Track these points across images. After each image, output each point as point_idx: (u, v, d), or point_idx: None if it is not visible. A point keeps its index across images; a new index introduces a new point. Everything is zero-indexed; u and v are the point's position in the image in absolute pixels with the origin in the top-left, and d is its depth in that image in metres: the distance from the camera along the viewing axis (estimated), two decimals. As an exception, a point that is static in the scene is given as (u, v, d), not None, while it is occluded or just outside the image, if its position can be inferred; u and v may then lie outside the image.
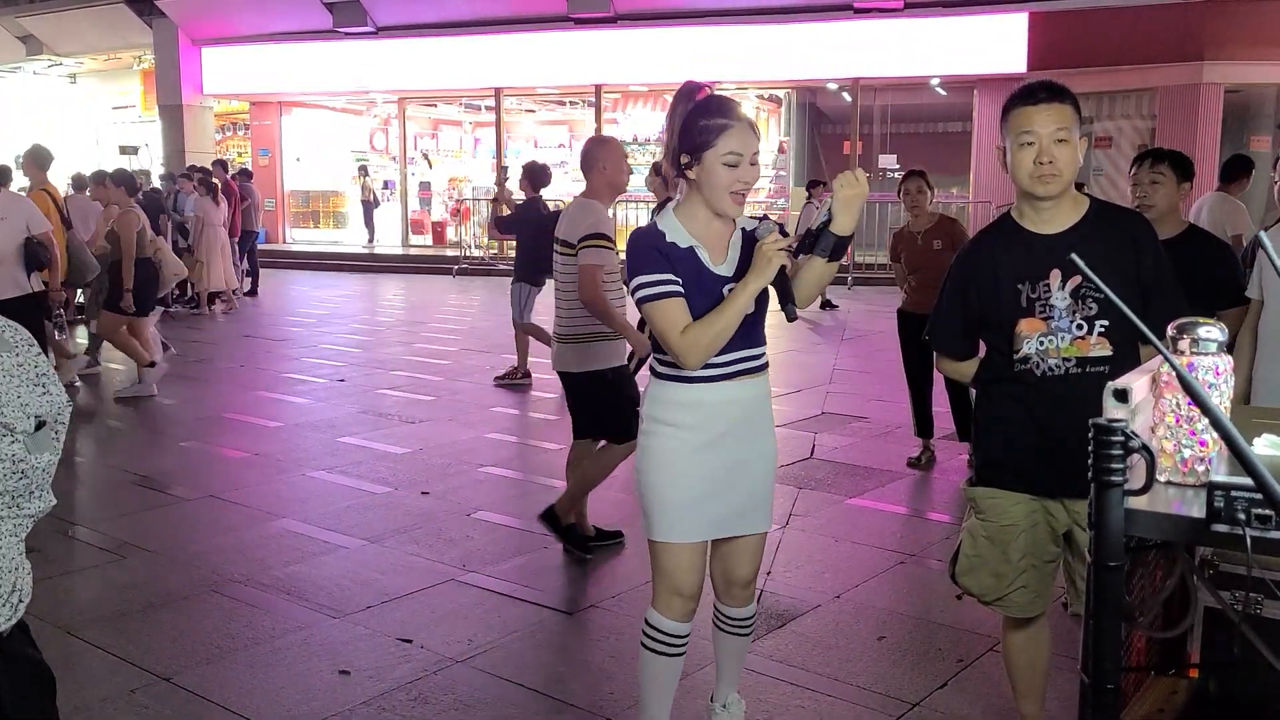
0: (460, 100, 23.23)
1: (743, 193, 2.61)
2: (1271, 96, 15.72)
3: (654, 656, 2.82)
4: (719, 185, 2.59)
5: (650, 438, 2.74)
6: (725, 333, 2.54)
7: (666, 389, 2.72)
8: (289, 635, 3.86)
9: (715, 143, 2.57)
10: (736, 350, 2.65)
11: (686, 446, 2.68)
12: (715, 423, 2.67)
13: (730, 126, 2.58)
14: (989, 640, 3.73)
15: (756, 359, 2.71)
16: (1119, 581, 1.23)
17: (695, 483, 2.68)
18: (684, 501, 2.69)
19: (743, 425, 2.71)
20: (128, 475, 6.03)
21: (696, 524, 2.71)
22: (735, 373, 2.67)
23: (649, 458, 2.74)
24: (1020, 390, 2.63)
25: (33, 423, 1.67)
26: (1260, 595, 1.57)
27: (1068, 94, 2.55)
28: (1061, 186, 2.55)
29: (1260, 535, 1.15)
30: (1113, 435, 1.20)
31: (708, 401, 2.67)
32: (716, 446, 2.68)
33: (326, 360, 10.13)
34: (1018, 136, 2.54)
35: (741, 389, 2.69)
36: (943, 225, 6.07)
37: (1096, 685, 1.24)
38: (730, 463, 2.70)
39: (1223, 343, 1.41)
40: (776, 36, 17.31)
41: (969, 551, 2.79)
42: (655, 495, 2.72)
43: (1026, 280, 2.59)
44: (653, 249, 2.63)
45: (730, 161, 2.57)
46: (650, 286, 2.59)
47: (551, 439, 6.80)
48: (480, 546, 4.80)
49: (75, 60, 24.86)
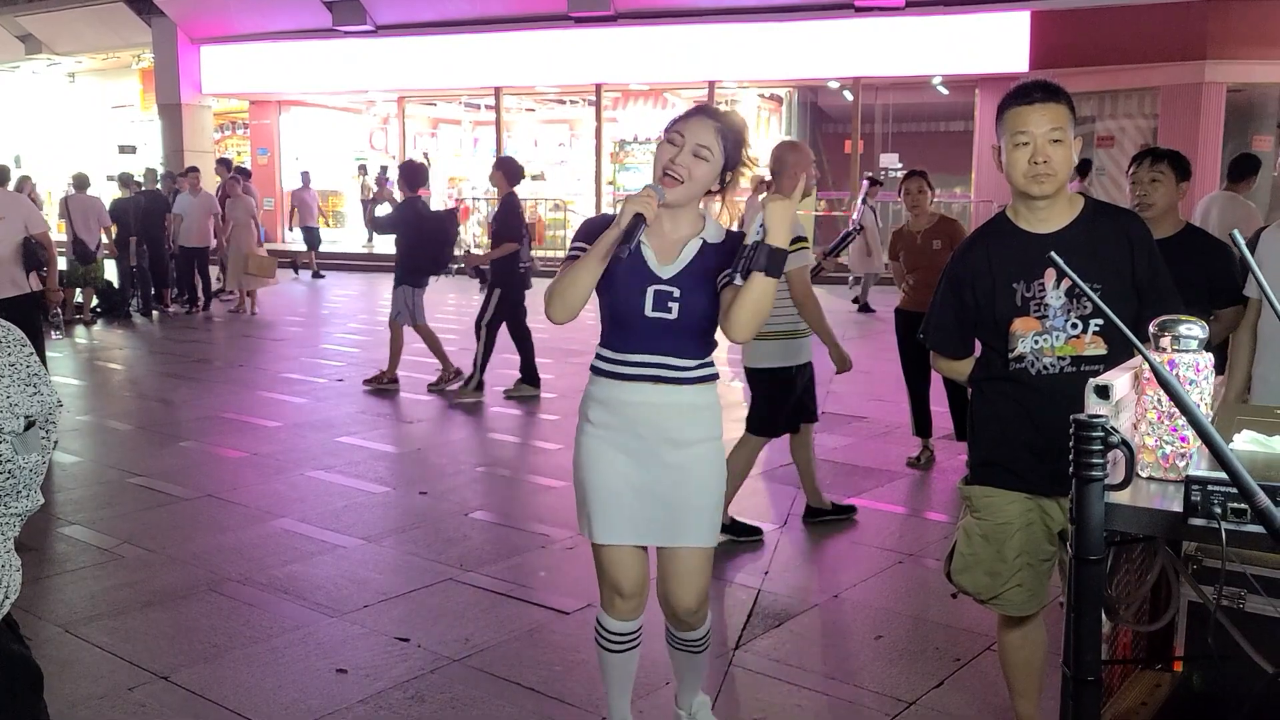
0: (460, 99, 23.25)
1: (673, 175, 2.56)
2: (1274, 96, 15.71)
3: (604, 653, 2.84)
4: (655, 160, 2.62)
5: (579, 434, 2.75)
6: (575, 278, 2.51)
7: (594, 385, 2.72)
8: (287, 634, 3.87)
9: (671, 124, 2.63)
10: (650, 353, 2.60)
11: (604, 444, 2.66)
12: (631, 424, 2.63)
13: (689, 116, 2.62)
14: (986, 639, 3.73)
15: (682, 370, 2.62)
16: (1099, 575, 1.24)
17: (613, 482, 2.65)
18: (604, 499, 2.66)
19: (663, 431, 2.63)
20: (126, 474, 6.04)
21: (618, 525, 2.66)
22: (649, 376, 2.61)
23: (577, 453, 2.74)
24: (1015, 389, 2.64)
25: (21, 423, 1.68)
26: (1243, 590, 1.58)
27: (1063, 94, 2.57)
28: (1056, 186, 2.56)
29: (1235, 529, 1.16)
30: (1093, 431, 1.21)
31: (620, 400, 2.64)
32: (634, 449, 2.63)
33: (325, 360, 10.15)
34: (1013, 136, 2.56)
35: (659, 394, 2.62)
36: (942, 225, 6.08)
37: (1077, 677, 1.25)
38: (650, 468, 2.63)
39: (1203, 340, 1.42)
40: (777, 35, 17.31)
41: (964, 550, 2.80)
42: (580, 492, 2.73)
43: (1022, 279, 2.59)
44: (589, 225, 2.67)
45: (669, 139, 2.59)
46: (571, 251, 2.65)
47: (549, 439, 6.81)
48: (478, 546, 4.81)
49: (74, 59, 24.90)
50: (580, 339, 11.71)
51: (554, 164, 22.99)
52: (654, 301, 2.57)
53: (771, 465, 6.08)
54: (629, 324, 2.61)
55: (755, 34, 17.44)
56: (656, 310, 2.58)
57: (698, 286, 2.59)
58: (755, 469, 6.09)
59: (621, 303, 2.58)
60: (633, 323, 2.60)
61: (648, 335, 2.59)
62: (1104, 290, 2.46)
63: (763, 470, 6.01)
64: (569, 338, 11.70)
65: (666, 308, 2.57)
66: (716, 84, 18.87)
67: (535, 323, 13.09)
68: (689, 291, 2.58)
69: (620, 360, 2.63)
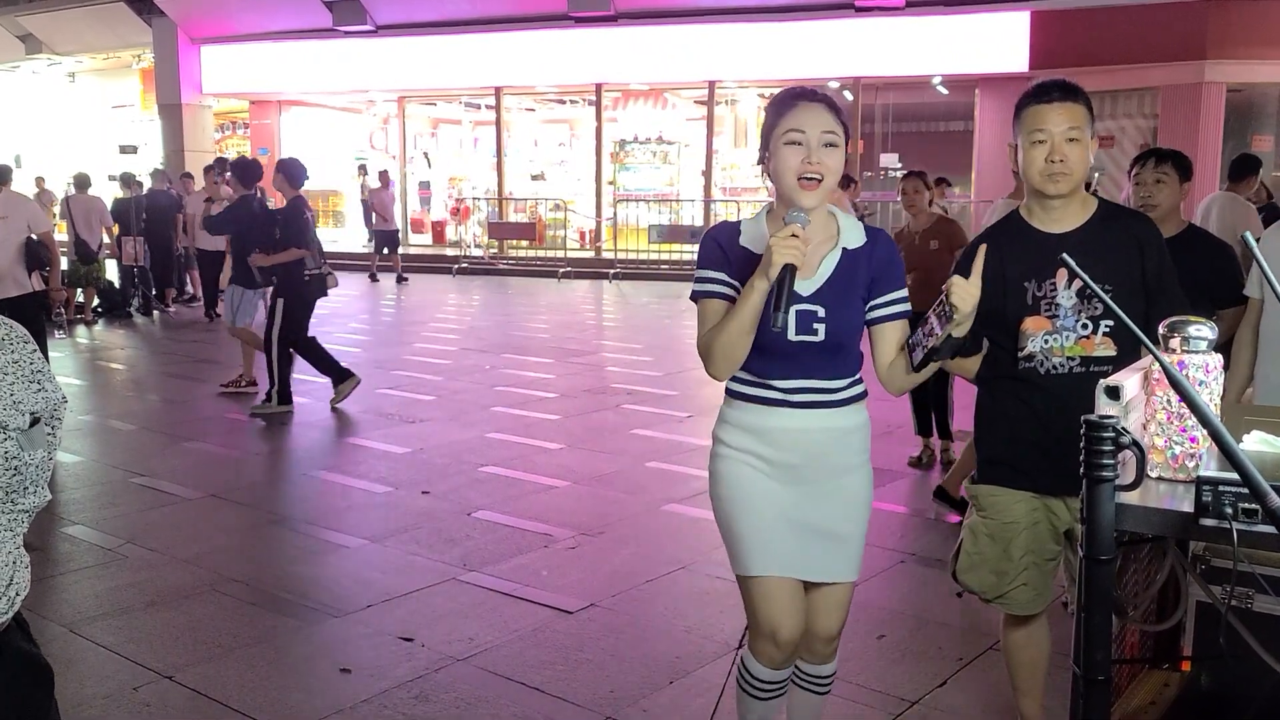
0: (460, 99, 23.25)
1: (814, 177, 2.25)
2: (1274, 96, 15.72)
3: (748, 699, 2.58)
4: (782, 168, 2.27)
5: (719, 461, 2.48)
6: (733, 341, 2.23)
7: (733, 409, 2.46)
8: (290, 634, 3.87)
9: (778, 123, 2.29)
10: (803, 378, 2.35)
11: (755, 473, 2.41)
12: (784, 452, 2.38)
13: (795, 105, 2.29)
14: (988, 639, 3.74)
15: (834, 392, 2.38)
16: (1110, 575, 1.25)
17: (766, 509, 2.40)
18: (758, 527, 2.40)
19: (819, 460, 2.39)
20: (129, 474, 6.04)
21: (779, 557, 2.40)
22: (803, 403, 2.36)
23: (719, 483, 2.48)
24: (1024, 388, 2.64)
25: (27, 420, 1.68)
26: (1251, 590, 1.59)
27: (1081, 93, 2.56)
28: (1072, 185, 2.56)
29: (1246, 529, 1.17)
30: (1104, 432, 1.22)
31: (773, 428, 2.38)
32: (787, 479, 2.40)
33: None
34: (1030, 134, 2.55)
35: (814, 419, 2.37)
36: (941, 225, 6.10)
37: (1088, 677, 1.26)
38: (804, 500, 2.40)
39: (1212, 341, 1.43)
40: (777, 35, 17.32)
41: (970, 549, 2.80)
42: (730, 524, 2.45)
43: (1033, 278, 2.59)
44: (715, 244, 2.39)
45: (793, 139, 2.26)
46: (699, 284, 2.38)
47: (552, 439, 6.82)
48: (481, 546, 4.82)
49: (74, 59, 24.89)
50: (581, 339, 11.73)
51: (554, 164, 22.99)
52: (798, 324, 2.30)
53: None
54: (771, 349, 2.32)
55: (755, 34, 17.44)
56: (801, 334, 2.32)
57: (844, 302, 2.34)
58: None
59: (764, 329, 2.23)
60: (776, 347, 2.32)
61: (794, 359, 2.34)
62: (1114, 291, 2.47)
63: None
64: (568, 337, 11.71)
65: (812, 329, 2.32)
66: (716, 84, 18.88)
67: (537, 321, 13.12)
68: (835, 309, 2.33)
69: (765, 384, 2.38)
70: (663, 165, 20.79)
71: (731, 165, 20.64)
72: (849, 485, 2.44)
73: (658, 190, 20.54)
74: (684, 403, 7.94)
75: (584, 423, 7.36)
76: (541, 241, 20.39)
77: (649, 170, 20.81)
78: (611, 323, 13.42)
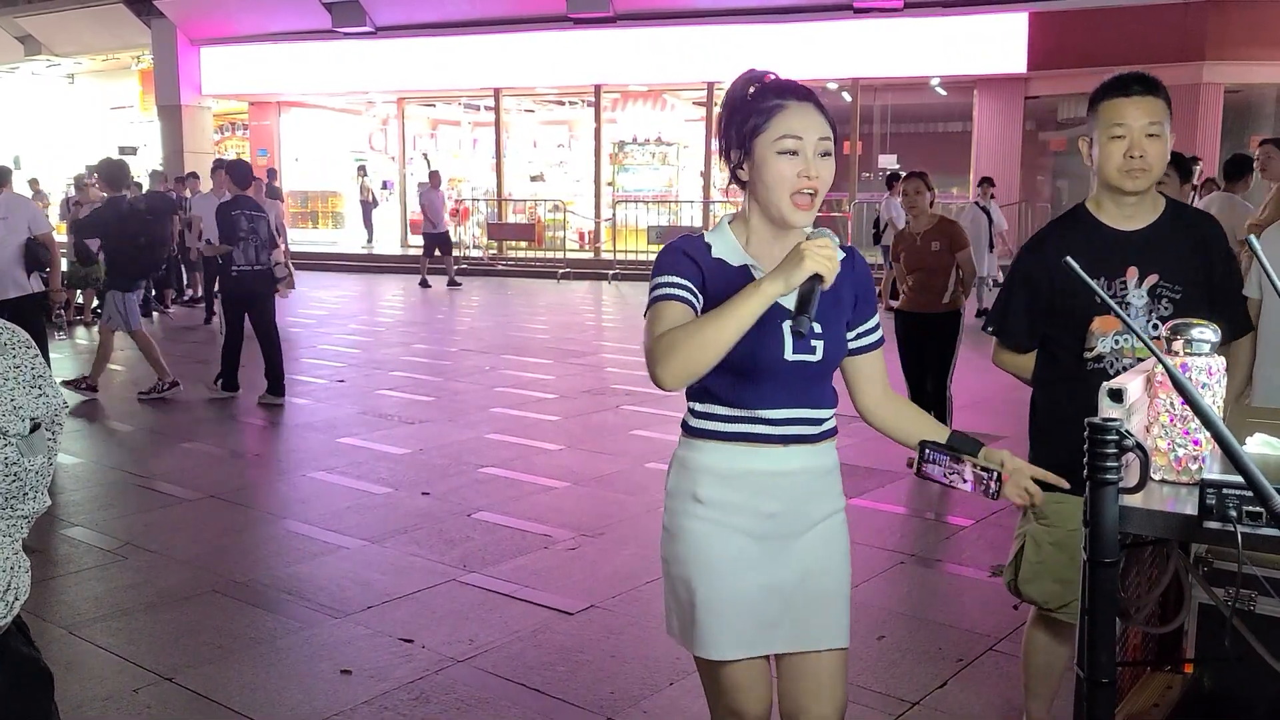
0: (459, 100, 23.27)
1: (810, 193, 1.97)
2: (1272, 96, 15.76)
3: None
4: (774, 181, 1.96)
5: (676, 517, 2.10)
6: (714, 341, 1.83)
7: (696, 451, 2.09)
8: (290, 635, 3.87)
9: (766, 126, 1.97)
10: (793, 406, 2.05)
11: (723, 529, 2.05)
12: (763, 500, 2.04)
13: (784, 106, 1.97)
14: (988, 640, 3.74)
15: (819, 424, 2.10)
16: (1114, 577, 1.25)
17: (737, 581, 2.04)
18: (726, 603, 2.04)
19: (801, 506, 2.08)
20: (129, 476, 6.04)
21: (745, 634, 2.06)
22: (790, 437, 2.05)
23: (675, 544, 2.10)
24: (1089, 391, 2.54)
25: (27, 425, 1.68)
26: (1254, 592, 1.59)
27: (1161, 87, 2.47)
28: (1150, 182, 2.48)
29: (1251, 531, 1.17)
30: (1107, 434, 1.22)
31: (754, 471, 2.04)
32: (763, 532, 2.05)
33: (326, 361, 10.15)
34: (1108, 129, 2.45)
35: (798, 458, 2.07)
36: (942, 226, 6.10)
37: (1092, 679, 1.26)
38: (781, 555, 2.07)
39: (1215, 343, 1.43)
40: (776, 36, 17.33)
41: (1032, 559, 2.70)
42: (690, 594, 2.07)
43: (1102, 276, 2.50)
44: (682, 254, 2.03)
45: (786, 148, 1.95)
46: (661, 289, 2.00)
47: (551, 440, 6.82)
48: (480, 547, 4.82)
49: (73, 60, 24.91)
50: (580, 340, 11.73)
51: (553, 165, 23.01)
52: (794, 341, 2.02)
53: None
54: (763, 373, 2.01)
55: (754, 35, 17.45)
56: (799, 352, 2.02)
57: (835, 319, 2.09)
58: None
59: (754, 347, 1.94)
60: (769, 371, 2.01)
61: (787, 384, 2.04)
62: (1182, 292, 2.42)
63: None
64: (568, 338, 11.71)
65: (810, 347, 2.03)
66: (715, 85, 18.89)
67: (536, 322, 13.12)
68: (828, 326, 2.06)
69: (749, 418, 2.04)
70: (661, 166, 20.83)
71: (730, 166, 20.63)
72: (829, 533, 2.13)
73: (656, 191, 20.57)
74: (683, 404, 7.92)
75: (584, 423, 7.36)
76: (540, 242, 20.40)
77: (648, 171, 20.84)
78: (611, 324, 13.42)
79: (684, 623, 2.11)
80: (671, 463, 2.16)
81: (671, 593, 2.14)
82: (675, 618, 2.14)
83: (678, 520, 2.10)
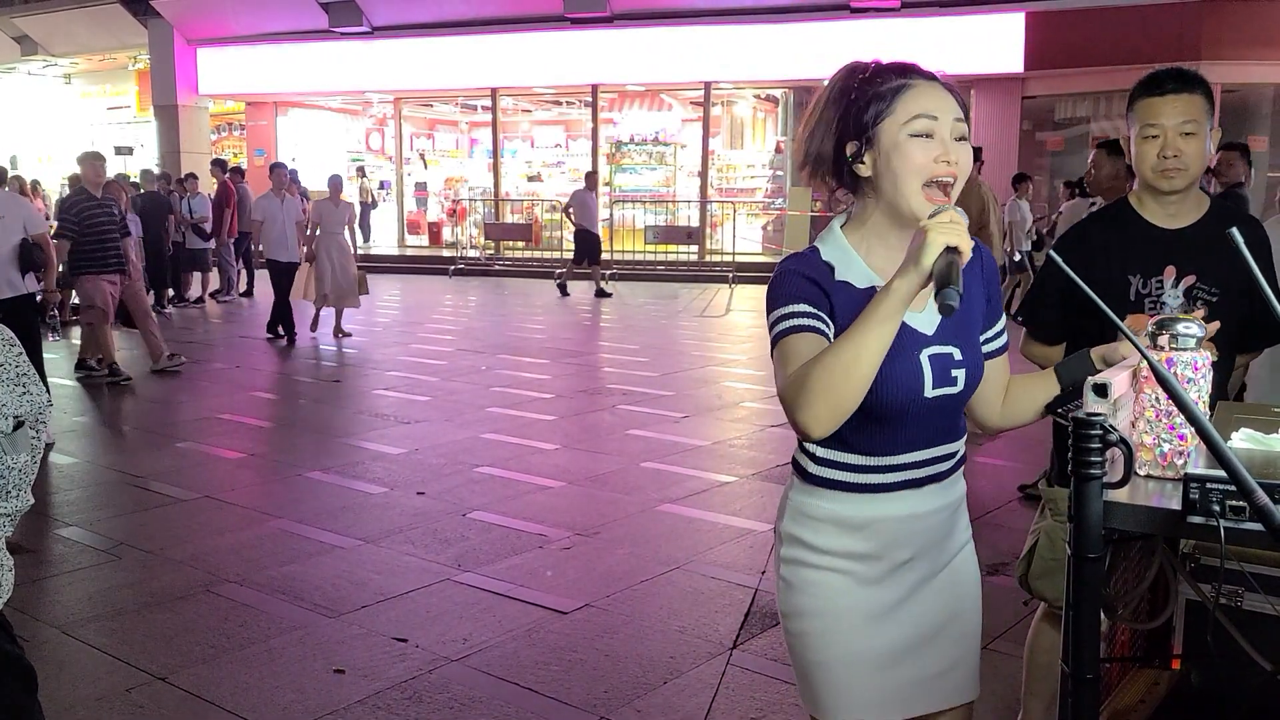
0: (456, 100, 23.26)
1: (946, 182, 1.69)
2: (1269, 96, 15.76)
3: None
4: (907, 168, 1.68)
5: (798, 570, 1.85)
6: (857, 365, 1.56)
7: (817, 498, 1.81)
8: (284, 635, 3.87)
9: (893, 108, 1.69)
10: (928, 446, 1.78)
11: (850, 582, 1.81)
12: (893, 548, 1.80)
13: (911, 85, 1.70)
14: (986, 638, 3.73)
15: (952, 458, 1.83)
16: (1098, 573, 1.25)
17: (875, 640, 1.82)
18: (858, 666, 1.82)
19: (933, 548, 1.84)
20: (123, 475, 6.04)
21: (880, 698, 1.83)
22: (924, 479, 1.79)
23: (797, 598, 1.85)
24: None
25: (10, 423, 1.68)
26: (1240, 588, 1.59)
27: (1199, 83, 2.40)
28: (1187, 181, 2.42)
29: (1234, 526, 1.17)
30: (1091, 429, 1.22)
31: (884, 518, 1.78)
32: (893, 580, 1.81)
33: (322, 361, 10.14)
34: (1142, 128, 2.42)
35: (932, 499, 1.81)
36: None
37: (1076, 675, 1.26)
38: (911, 605, 1.83)
39: (1201, 338, 1.43)
40: (773, 36, 17.34)
41: (1047, 555, 2.66)
42: (814, 658, 1.85)
43: (1139, 273, 2.45)
44: (803, 278, 1.73)
45: (920, 129, 1.68)
46: (787, 320, 1.71)
47: (547, 439, 6.81)
48: (475, 546, 4.81)
49: (70, 60, 24.88)
50: (577, 340, 11.73)
51: (550, 165, 23.01)
52: (934, 376, 1.73)
53: (768, 465, 6.10)
54: (900, 414, 1.73)
55: (751, 35, 17.46)
56: (940, 386, 1.74)
57: (971, 335, 1.82)
58: (751, 469, 6.11)
59: (891, 386, 1.68)
60: (907, 411, 1.73)
61: (925, 423, 1.76)
62: (1221, 294, 2.39)
63: (761, 470, 6.02)
64: (564, 338, 11.71)
65: (951, 379, 1.75)
66: (713, 85, 18.90)
67: (533, 322, 13.11)
68: (966, 347, 1.79)
69: (878, 467, 1.77)
70: (659, 166, 20.82)
71: (728, 166, 20.66)
72: (962, 570, 1.90)
73: (654, 191, 20.57)
74: (679, 403, 7.94)
75: (579, 423, 7.36)
76: (538, 242, 20.40)
77: (645, 171, 20.84)
78: (607, 323, 13.42)
79: (804, 684, 1.89)
80: (785, 506, 1.89)
81: (791, 651, 1.90)
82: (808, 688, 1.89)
83: (797, 571, 1.84)
